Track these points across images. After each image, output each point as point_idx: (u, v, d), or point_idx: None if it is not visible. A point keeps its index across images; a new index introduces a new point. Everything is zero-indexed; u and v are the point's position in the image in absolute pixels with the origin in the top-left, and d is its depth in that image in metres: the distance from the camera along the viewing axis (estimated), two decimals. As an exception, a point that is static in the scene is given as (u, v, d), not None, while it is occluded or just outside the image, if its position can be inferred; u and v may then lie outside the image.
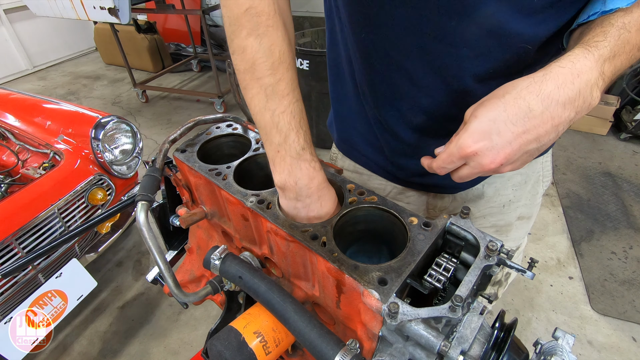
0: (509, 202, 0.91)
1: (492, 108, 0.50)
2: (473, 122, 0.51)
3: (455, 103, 0.69)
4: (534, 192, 0.94)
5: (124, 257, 2.44)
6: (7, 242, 1.44)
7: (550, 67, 0.49)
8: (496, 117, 0.49)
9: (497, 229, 0.95)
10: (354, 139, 0.92)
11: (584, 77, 0.47)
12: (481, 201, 0.91)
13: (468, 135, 0.51)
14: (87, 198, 1.75)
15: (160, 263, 0.60)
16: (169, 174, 0.82)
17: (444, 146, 0.60)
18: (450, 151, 0.54)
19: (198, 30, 5.19)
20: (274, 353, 0.58)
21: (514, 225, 0.96)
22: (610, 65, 0.49)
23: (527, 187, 0.91)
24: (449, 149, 0.54)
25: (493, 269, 0.53)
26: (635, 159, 3.15)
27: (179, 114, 4.16)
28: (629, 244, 2.39)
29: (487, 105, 0.50)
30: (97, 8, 3.09)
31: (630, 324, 1.95)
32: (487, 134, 0.50)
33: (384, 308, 0.46)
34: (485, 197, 0.90)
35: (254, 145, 0.77)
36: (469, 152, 0.51)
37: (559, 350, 0.44)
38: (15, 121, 1.94)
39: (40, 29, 5.34)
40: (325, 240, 0.55)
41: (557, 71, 0.48)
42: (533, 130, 0.48)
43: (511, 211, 0.93)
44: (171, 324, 2.03)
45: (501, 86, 0.52)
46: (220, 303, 0.95)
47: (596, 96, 0.48)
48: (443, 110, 0.71)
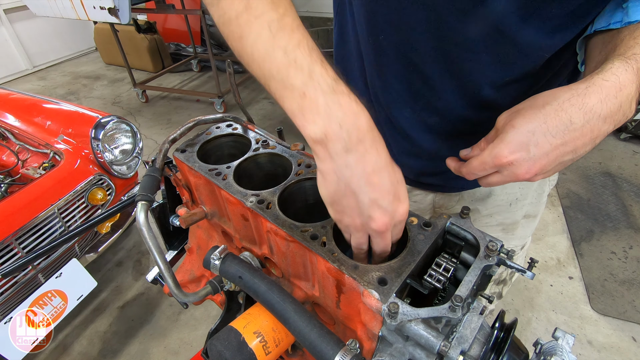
0: (516, 200, 0.91)
1: (532, 119, 0.48)
2: (510, 132, 0.49)
3: (470, 105, 0.69)
4: (540, 191, 0.94)
5: (124, 257, 2.44)
6: (7, 242, 1.44)
7: (592, 80, 0.47)
8: (535, 128, 0.48)
9: (503, 227, 0.96)
10: None
11: (626, 90, 0.46)
12: (488, 199, 0.91)
13: (505, 145, 0.50)
14: (87, 198, 1.75)
15: (160, 263, 0.60)
16: (169, 174, 0.82)
17: (469, 149, 0.59)
18: (483, 159, 0.52)
19: (198, 30, 5.19)
20: (274, 353, 0.58)
21: (520, 223, 0.96)
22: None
23: (533, 186, 0.92)
24: (482, 157, 0.53)
25: (493, 269, 0.53)
26: (635, 159, 3.15)
27: (179, 114, 4.16)
28: (629, 244, 2.39)
29: (526, 116, 0.49)
30: (97, 8, 3.09)
31: (630, 324, 1.95)
32: (525, 145, 0.48)
33: (384, 308, 0.46)
34: (493, 195, 0.90)
35: (254, 145, 0.77)
36: (504, 162, 0.50)
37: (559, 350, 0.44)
38: (15, 121, 1.94)
39: (40, 29, 5.34)
40: (325, 240, 0.55)
41: (600, 84, 0.47)
42: (571, 143, 0.48)
43: (518, 209, 0.93)
44: (171, 324, 2.03)
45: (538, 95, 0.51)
46: (220, 303, 0.95)
47: (634, 108, 0.48)
48: (457, 112, 0.71)
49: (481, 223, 0.94)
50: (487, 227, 0.94)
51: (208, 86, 4.76)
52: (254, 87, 4.69)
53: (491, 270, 0.54)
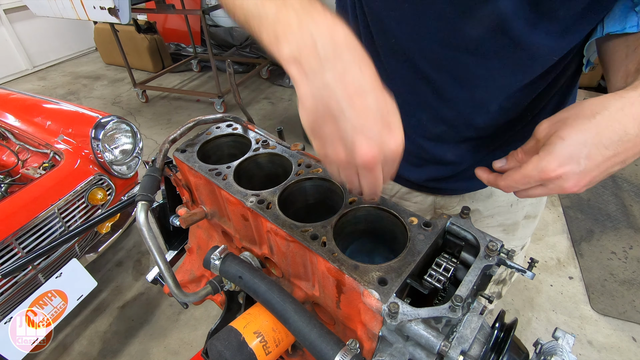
0: (517, 201, 0.92)
1: (583, 130, 0.46)
2: (558, 144, 0.46)
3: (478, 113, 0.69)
4: None
5: (124, 257, 2.45)
6: (7, 242, 1.44)
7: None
8: (587, 140, 0.45)
9: (504, 228, 0.96)
10: None
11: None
12: (489, 200, 0.91)
13: (553, 158, 0.47)
14: (87, 198, 1.75)
15: (160, 263, 0.60)
16: (169, 174, 0.82)
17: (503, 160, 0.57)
18: (527, 173, 0.49)
19: (198, 30, 5.20)
20: (274, 353, 0.58)
21: (521, 224, 0.96)
22: None
23: None
24: (526, 170, 0.50)
25: (493, 269, 0.53)
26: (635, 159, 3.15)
27: (179, 114, 4.16)
28: (629, 244, 2.39)
29: (574, 126, 0.46)
30: (97, 8, 3.09)
31: (630, 324, 1.95)
32: (576, 157, 0.46)
33: (384, 308, 0.46)
34: (494, 196, 0.90)
35: (254, 145, 0.77)
36: (553, 176, 0.47)
37: (559, 350, 0.44)
38: (15, 121, 1.94)
39: (40, 29, 5.34)
40: (325, 240, 0.55)
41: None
42: (623, 154, 0.46)
43: (518, 210, 0.93)
44: (171, 324, 2.03)
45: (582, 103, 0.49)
46: (220, 303, 0.95)
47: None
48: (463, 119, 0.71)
49: (482, 224, 0.94)
50: (488, 227, 0.94)
51: (208, 86, 4.76)
52: (254, 87, 4.70)
53: (491, 270, 0.54)
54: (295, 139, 3.71)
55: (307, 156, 0.72)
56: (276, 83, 4.72)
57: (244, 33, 5.01)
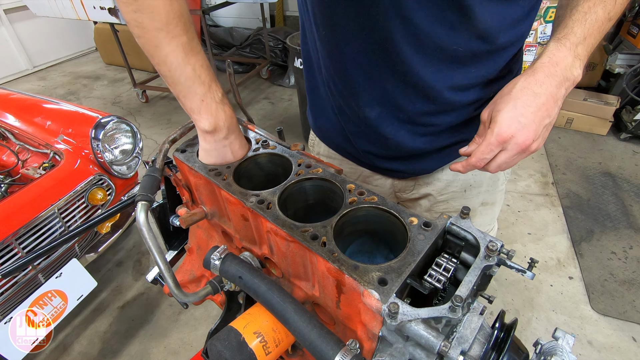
0: (470, 186, 0.96)
1: (509, 101, 0.62)
2: (499, 115, 0.62)
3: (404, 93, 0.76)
4: (494, 179, 0.98)
5: (124, 257, 2.45)
6: (7, 242, 1.44)
7: (534, 64, 0.64)
8: (514, 105, 0.62)
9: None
10: (326, 126, 0.99)
11: (562, 64, 0.62)
12: (440, 184, 0.96)
13: (501, 125, 0.62)
14: (87, 198, 1.75)
15: (160, 263, 0.60)
16: (169, 174, 0.82)
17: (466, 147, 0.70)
18: (488, 142, 0.63)
19: (198, 30, 5.19)
20: (274, 353, 0.58)
21: (478, 211, 1.01)
22: (583, 46, 0.64)
23: (487, 174, 0.96)
24: (486, 141, 0.63)
25: (493, 269, 0.53)
26: (635, 159, 3.15)
27: (179, 114, 4.16)
28: (629, 244, 2.39)
29: (503, 101, 0.63)
30: (97, 8, 3.09)
31: (630, 324, 1.95)
32: (515, 119, 0.61)
33: (384, 308, 0.46)
34: (444, 180, 0.95)
35: (254, 145, 0.77)
36: (507, 137, 0.61)
37: (559, 351, 0.44)
38: (15, 121, 1.94)
39: (40, 29, 5.34)
40: (325, 241, 0.55)
41: (540, 65, 0.63)
42: (543, 107, 0.61)
43: (473, 196, 0.98)
44: (171, 324, 2.03)
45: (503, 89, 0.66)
46: (220, 303, 0.95)
47: (577, 74, 0.63)
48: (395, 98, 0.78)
49: (438, 209, 1.00)
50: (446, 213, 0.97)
51: (208, 86, 4.75)
52: (254, 87, 4.70)
53: (491, 271, 0.54)
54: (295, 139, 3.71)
55: (307, 156, 0.72)
56: (276, 83, 4.72)
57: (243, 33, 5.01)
